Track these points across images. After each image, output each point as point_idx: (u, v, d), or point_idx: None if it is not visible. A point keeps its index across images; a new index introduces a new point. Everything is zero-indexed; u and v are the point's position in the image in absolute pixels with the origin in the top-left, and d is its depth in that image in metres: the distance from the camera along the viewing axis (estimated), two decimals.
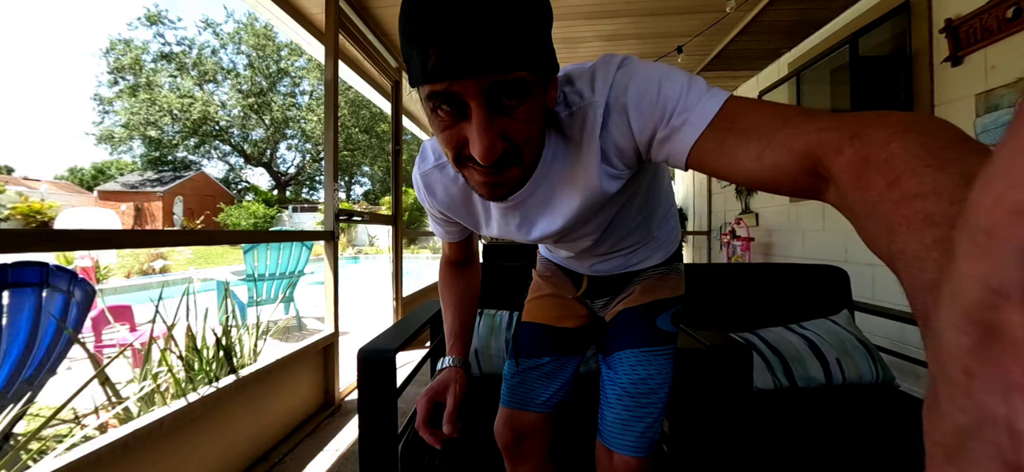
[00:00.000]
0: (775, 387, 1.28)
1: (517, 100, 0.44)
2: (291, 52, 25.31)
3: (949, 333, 0.12)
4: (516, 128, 0.46)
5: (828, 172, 0.32)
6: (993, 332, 0.10)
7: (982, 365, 0.11)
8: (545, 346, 0.91)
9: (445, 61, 0.40)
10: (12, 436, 1.23)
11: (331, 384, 2.12)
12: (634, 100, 0.49)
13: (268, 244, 3.78)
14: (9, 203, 11.76)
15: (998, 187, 0.11)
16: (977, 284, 0.11)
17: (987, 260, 0.11)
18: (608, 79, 0.50)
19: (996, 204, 0.11)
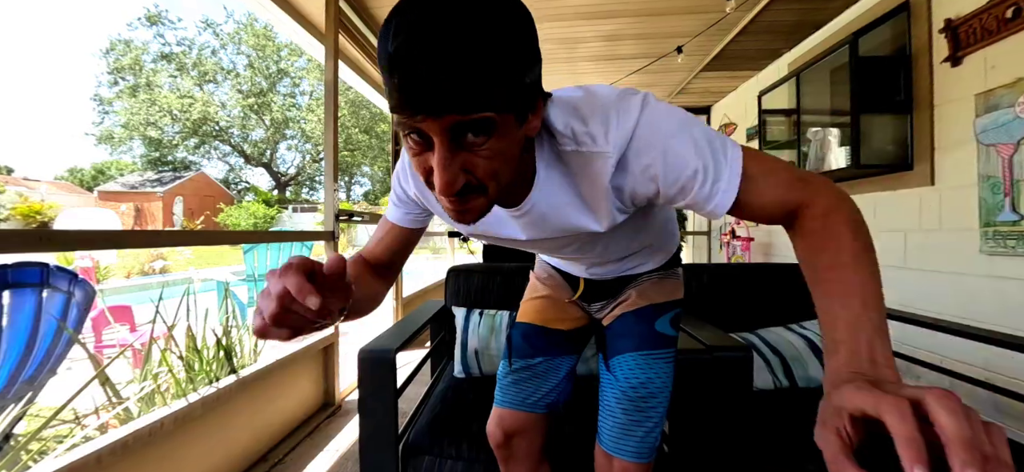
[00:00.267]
0: (775, 387, 1.28)
1: (482, 137, 0.43)
2: (291, 52, 25.33)
3: (828, 384, 0.38)
4: (478, 164, 0.45)
5: (798, 222, 0.51)
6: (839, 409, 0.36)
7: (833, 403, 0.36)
8: (538, 347, 0.91)
9: (407, 96, 0.39)
10: (12, 436, 1.23)
11: (331, 384, 2.12)
12: (662, 168, 0.50)
13: (268, 244, 3.78)
14: (9, 203, 11.76)
15: (831, 371, 0.39)
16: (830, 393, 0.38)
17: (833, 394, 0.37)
18: (626, 132, 0.50)
19: (829, 386, 0.38)
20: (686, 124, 0.51)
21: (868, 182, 2.33)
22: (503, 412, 0.90)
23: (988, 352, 1.70)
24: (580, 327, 0.95)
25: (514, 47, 0.42)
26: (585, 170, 0.54)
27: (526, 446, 0.90)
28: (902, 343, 1.96)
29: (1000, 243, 1.67)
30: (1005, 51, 1.66)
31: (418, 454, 1.07)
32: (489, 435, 0.92)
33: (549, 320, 0.93)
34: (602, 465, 0.83)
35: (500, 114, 0.43)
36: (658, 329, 0.83)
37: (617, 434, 0.80)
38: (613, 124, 0.50)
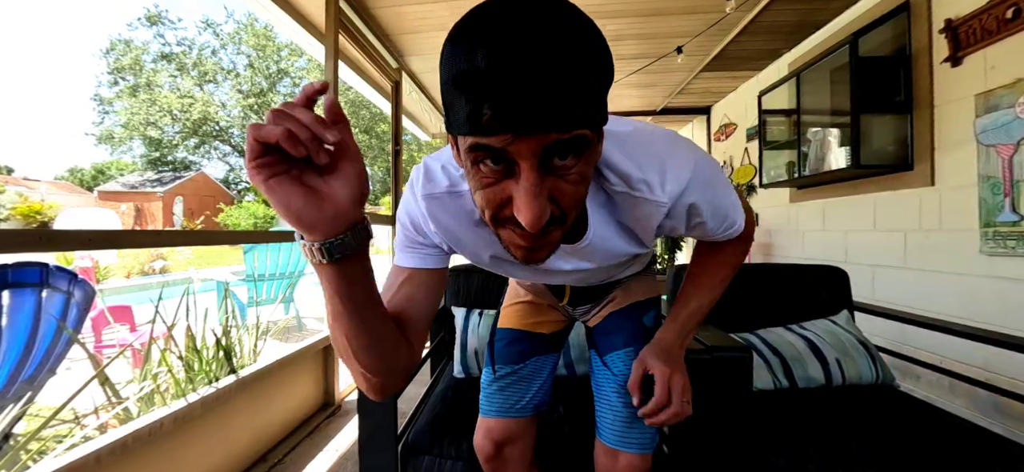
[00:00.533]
0: (775, 387, 1.28)
1: (573, 160, 0.40)
2: (291, 52, 25.32)
3: (656, 336, 0.79)
4: (565, 190, 0.42)
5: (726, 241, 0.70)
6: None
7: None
8: (524, 351, 0.91)
9: (502, 115, 0.35)
10: (12, 436, 1.23)
11: (331, 384, 2.12)
12: (710, 218, 0.59)
13: (268, 244, 3.78)
14: (9, 203, 11.76)
15: (661, 333, 0.78)
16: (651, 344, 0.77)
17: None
18: (680, 186, 0.53)
19: (655, 339, 0.78)
20: (720, 174, 0.58)
21: (868, 182, 2.33)
22: (491, 422, 0.88)
23: (988, 352, 1.70)
24: (560, 329, 0.96)
25: (603, 60, 0.39)
26: (633, 210, 0.55)
27: (517, 454, 0.89)
28: (902, 343, 1.96)
29: (1000, 243, 1.67)
30: (1005, 51, 1.66)
31: (418, 454, 1.07)
32: (478, 449, 0.90)
33: (532, 324, 0.93)
34: (605, 462, 0.82)
35: (593, 132, 0.40)
36: (646, 323, 0.87)
37: (621, 428, 0.80)
38: (669, 177, 0.52)
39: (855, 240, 2.45)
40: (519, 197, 0.40)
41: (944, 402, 1.78)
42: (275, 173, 0.37)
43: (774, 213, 3.33)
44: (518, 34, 0.35)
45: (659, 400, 0.69)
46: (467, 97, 0.36)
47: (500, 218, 0.44)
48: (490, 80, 0.35)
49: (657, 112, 4.47)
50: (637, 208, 0.54)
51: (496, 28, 0.35)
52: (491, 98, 0.35)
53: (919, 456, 0.96)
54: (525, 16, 0.36)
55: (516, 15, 0.36)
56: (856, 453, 0.97)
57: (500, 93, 0.35)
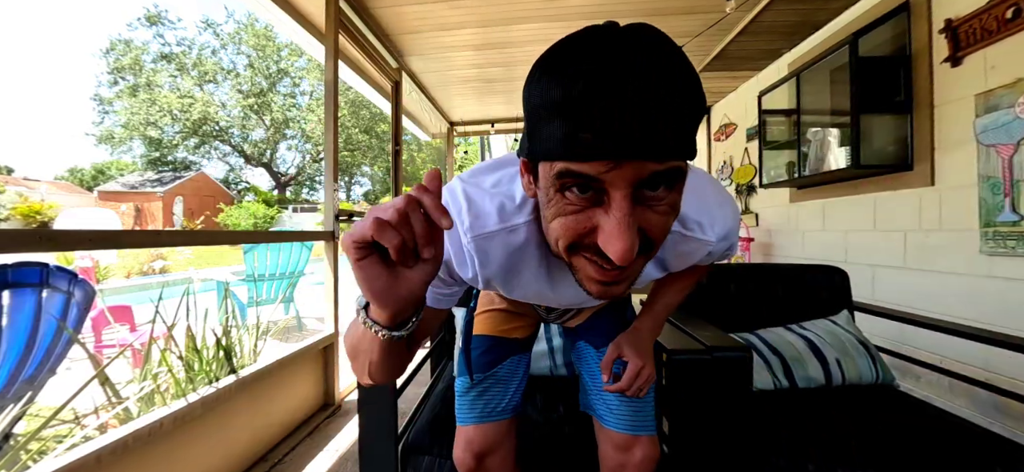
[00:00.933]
0: (775, 387, 1.28)
1: (664, 191, 0.39)
2: (291, 52, 25.32)
3: (631, 326, 0.82)
4: (654, 222, 0.41)
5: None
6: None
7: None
8: (499, 356, 0.92)
9: (603, 141, 0.35)
10: (12, 436, 1.23)
11: (331, 384, 2.12)
12: (723, 251, 0.65)
13: (268, 244, 3.78)
14: (9, 203, 11.76)
15: (636, 323, 0.83)
16: (626, 332, 0.82)
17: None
18: (726, 229, 0.60)
19: (630, 328, 0.83)
20: (735, 217, 0.64)
21: (868, 182, 2.33)
22: (471, 432, 0.86)
23: (988, 352, 1.70)
24: (532, 332, 0.99)
25: (696, 92, 0.37)
26: (677, 246, 0.59)
27: (499, 463, 0.87)
28: (902, 343, 1.96)
29: (1000, 243, 1.67)
30: (1005, 51, 1.66)
31: (418, 454, 1.07)
32: (458, 463, 0.86)
33: (506, 330, 0.94)
34: (617, 450, 0.83)
35: (686, 163, 0.40)
36: (629, 317, 0.91)
37: (631, 415, 0.83)
38: (718, 223, 0.58)
39: (855, 240, 2.45)
40: (609, 226, 0.39)
41: (944, 402, 1.78)
42: (368, 255, 0.38)
43: (774, 213, 3.33)
44: (619, 63, 0.35)
45: (623, 387, 0.76)
46: (564, 122, 0.36)
47: (579, 246, 0.43)
48: (591, 106, 0.35)
49: None
50: (683, 244, 0.58)
51: (597, 55, 0.35)
52: (591, 124, 0.35)
53: (919, 456, 0.96)
54: (625, 46, 0.35)
55: (616, 44, 0.35)
56: (856, 453, 0.97)
57: (601, 119, 0.34)
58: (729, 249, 0.66)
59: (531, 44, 3.03)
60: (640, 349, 0.77)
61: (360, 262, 0.38)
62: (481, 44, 3.00)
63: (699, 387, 0.95)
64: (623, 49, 0.35)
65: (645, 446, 0.83)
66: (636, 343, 0.78)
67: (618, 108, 0.34)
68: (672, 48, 0.37)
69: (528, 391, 1.06)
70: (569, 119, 0.36)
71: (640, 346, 0.78)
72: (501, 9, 2.56)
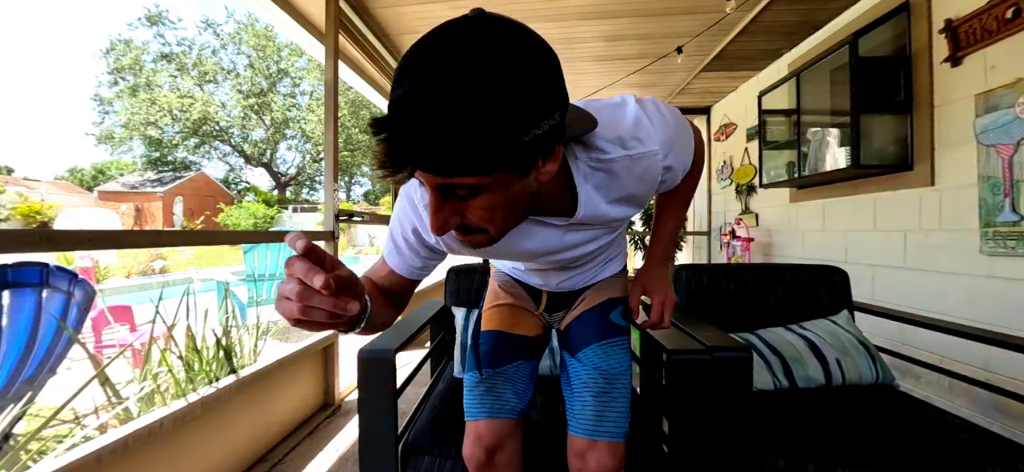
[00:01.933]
0: (775, 388, 1.28)
1: (468, 193, 0.45)
2: (291, 52, 25.31)
3: (644, 264, 0.92)
4: (473, 214, 0.48)
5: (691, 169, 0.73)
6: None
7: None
8: (507, 353, 0.91)
9: (396, 152, 0.40)
10: (12, 436, 1.23)
11: (331, 384, 2.12)
12: (683, 153, 0.66)
13: (268, 244, 3.78)
14: (9, 203, 11.76)
15: (647, 258, 0.93)
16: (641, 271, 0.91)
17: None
18: (666, 131, 0.61)
19: (643, 265, 0.92)
20: (680, 125, 0.66)
21: (868, 182, 2.33)
22: (481, 427, 0.86)
23: (988, 352, 1.70)
24: (540, 335, 0.98)
25: (509, 113, 0.40)
26: (633, 171, 0.61)
27: (507, 459, 0.87)
28: (902, 343, 1.96)
29: (1000, 243, 1.67)
30: (1005, 51, 1.66)
31: (418, 454, 1.07)
32: (468, 458, 0.87)
33: (514, 325, 0.94)
34: (577, 454, 0.82)
35: (489, 177, 0.43)
36: (613, 320, 0.90)
37: (592, 418, 0.82)
38: (656, 133, 0.60)
39: (855, 240, 2.45)
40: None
41: (944, 402, 1.78)
42: (300, 320, 0.43)
43: (774, 213, 3.33)
44: (424, 84, 0.38)
45: (655, 320, 0.85)
46: (385, 130, 0.40)
47: None
48: (395, 120, 0.40)
49: None
50: (636, 166, 0.60)
51: (409, 76, 0.39)
52: (393, 136, 0.40)
53: (919, 456, 0.96)
54: (438, 67, 0.39)
55: (426, 65, 0.39)
56: (856, 453, 0.97)
57: (397, 134, 0.40)
58: (680, 158, 0.65)
59: None
60: (658, 282, 0.87)
61: (297, 325, 0.44)
62: None
63: (699, 387, 0.95)
64: (433, 71, 0.38)
65: (602, 453, 0.79)
66: (653, 277, 0.87)
67: (406, 136, 0.39)
68: (494, 68, 0.39)
69: None
70: (384, 130, 0.40)
71: (657, 279, 0.87)
72: (501, 9, 2.55)
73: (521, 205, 0.52)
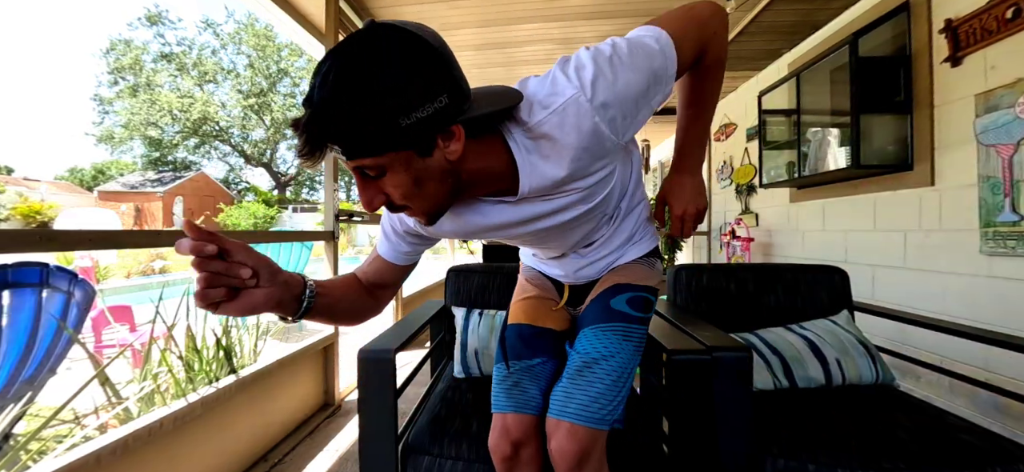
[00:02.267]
0: (775, 387, 1.28)
1: (376, 173, 0.54)
2: (291, 52, 25.31)
3: (670, 171, 0.84)
4: (391, 191, 0.56)
5: (704, 59, 0.68)
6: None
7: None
8: (535, 347, 0.91)
9: (310, 139, 0.49)
10: (12, 436, 1.23)
11: (331, 384, 2.12)
12: (630, 69, 0.59)
13: (268, 244, 3.78)
14: (9, 203, 11.76)
15: (672, 164, 0.84)
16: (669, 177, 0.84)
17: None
18: (586, 68, 0.58)
19: (669, 172, 0.84)
20: (615, 41, 0.61)
21: (868, 182, 2.33)
22: (508, 418, 0.86)
23: (988, 352, 1.70)
24: (567, 329, 0.96)
25: (385, 102, 0.48)
26: (564, 126, 0.59)
27: (532, 453, 0.87)
28: (902, 343, 1.96)
29: (1000, 243, 1.67)
30: (1005, 51, 1.66)
31: (418, 454, 1.07)
32: (493, 449, 0.87)
33: (541, 319, 0.94)
34: (549, 435, 0.80)
35: (383, 157, 0.52)
36: (613, 306, 0.84)
37: (561, 398, 0.79)
38: (570, 73, 0.58)
39: (855, 240, 2.45)
40: None
41: (944, 402, 1.78)
42: (217, 304, 0.52)
43: (774, 213, 3.33)
44: (324, 83, 0.48)
45: (672, 231, 0.83)
46: (297, 126, 0.50)
47: None
48: (304, 121, 0.49)
49: (657, 112, 4.47)
50: (566, 119, 0.58)
51: (314, 78, 0.50)
52: (304, 132, 0.49)
53: (919, 456, 0.96)
54: (331, 71, 0.48)
55: (327, 69, 0.48)
56: (856, 453, 0.97)
57: (308, 122, 0.49)
58: (614, 88, 0.59)
59: (531, 44, 3.03)
60: (676, 190, 0.82)
61: (217, 310, 0.53)
62: (481, 44, 3.00)
63: (699, 387, 0.95)
64: (330, 70, 0.48)
65: (562, 436, 0.77)
66: (672, 186, 0.83)
67: (314, 126, 0.48)
68: (368, 64, 0.48)
69: None
70: (299, 127, 0.50)
71: (676, 187, 0.83)
72: (501, 9, 2.56)
73: (437, 182, 0.57)
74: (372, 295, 0.80)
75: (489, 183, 0.65)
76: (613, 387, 0.78)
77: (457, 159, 0.57)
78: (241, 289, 0.53)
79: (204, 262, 0.49)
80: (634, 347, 0.82)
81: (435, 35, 0.54)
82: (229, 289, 0.52)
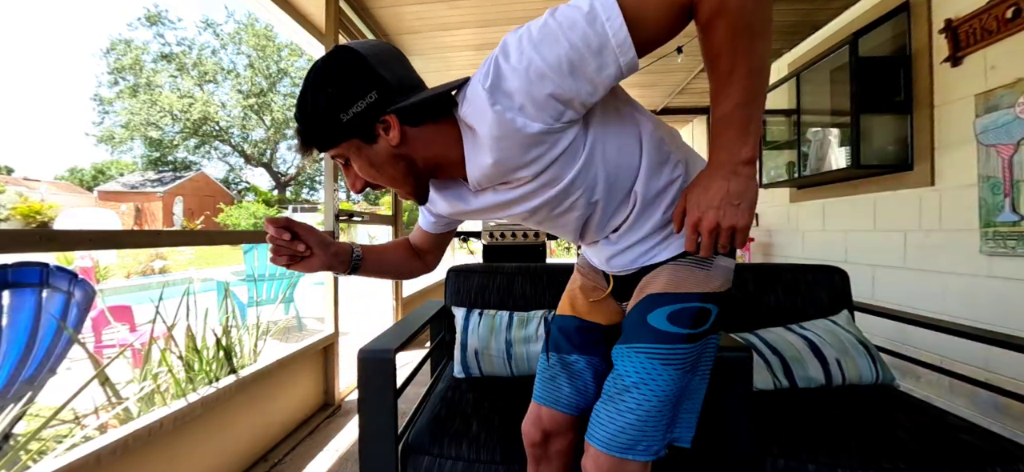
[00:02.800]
0: (775, 387, 1.28)
1: (344, 161, 0.68)
2: (291, 52, 25.31)
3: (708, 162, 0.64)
4: (362, 175, 0.68)
5: (695, 21, 0.55)
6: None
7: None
8: (575, 343, 0.89)
9: (298, 140, 0.67)
10: (12, 436, 1.23)
11: (331, 384, 2.12)
12: (539, 50, 0.56)
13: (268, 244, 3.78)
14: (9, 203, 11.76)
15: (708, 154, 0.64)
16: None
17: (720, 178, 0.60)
18: (489, 61, 0.59)
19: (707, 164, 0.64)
20: (540, 19, 0.55)
21: (868, 182, 2.33)
22: (542, 410, 0.88)
23: (988, 352, 1.70)
24: (615, 324, 0.89)
25: (323, 104, 0.61)
26: (476, 116, 0.60)
27: (561, 449, 0.87)
28: (902, 343, 1.96)
29: (1000, 243, 1.67)
30: (1005, 51, 1.66)
31: (418, 454, 1.07)
32: (525, 434, 0.91)
33: (586, 312, 0.91)
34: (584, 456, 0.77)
35: (339, 147, 0.65)
36: (650, 322, 0.71)
37: (593, 421, 0.74)
38: (482, 67, 0.60)
39: (855, 240, 2.45)
40: None
41: (944, 402, 1.78)
42: (290, 263, 0.76)
43: (774, 213, 3.33)
44: (298, 100, 0.65)
45: (687, 246, 0.63)
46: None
47: None
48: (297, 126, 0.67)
49: (657, 112, 4.47)
50: (476, 110, 0.60)
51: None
52: (296, 135, 0.68)
53: (919, 456, 0.96)
54: (302, 87, 0.64)
55: (303, 84, 0.64)
56: (856, 453, 0.97)
57: (296, 133, 0.67)
58: (514, 66, 0.55)
59: None
60: (699, 194, 0.61)
61: (289, 267, 0.77)
62: (481, 44, 3.00)
63: None
64: (301, 92, 0.64)
65: (591, 459, 0.72)
66: (695, 185, 0.62)
67: (297, 131, 0.67)
68: (312, 76, 0.62)
69: (531, 390, 1.06)
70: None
71: (700, 189, 0.61)
72: (501, 9, 2.56)
73: (390, 165, 0.66)
74: (420, 258, 0.94)
75: (451, 168, 0.70)
76: (647, 418, 0.68)
77: (399, 143, 0.63)
78: (303, 257, 0.75)
79: (274, 240, 0.73)
80: (680, 371, 0.70)
81: (375, 46, 0.63)
82: (291, 256, 0.74)
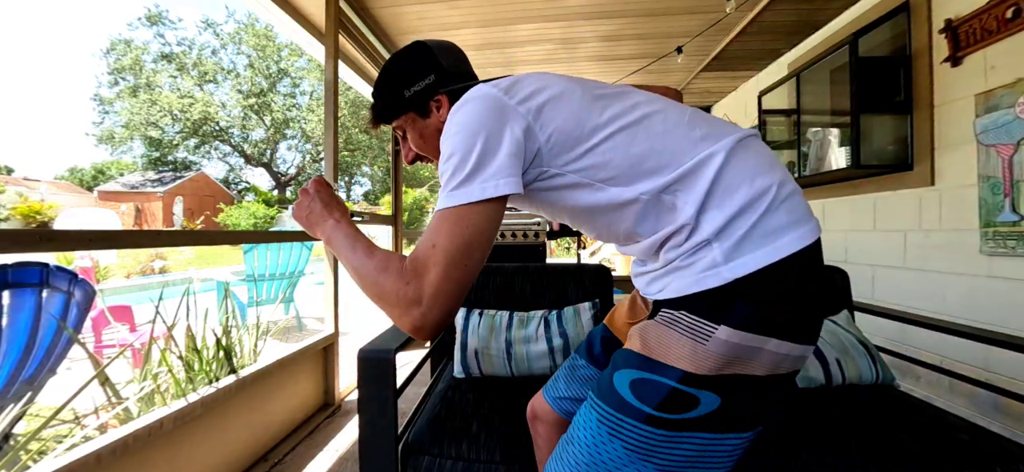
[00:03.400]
0: None
1: (403, 133, 0.78)
2: (291, 52, 25.31)
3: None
4: (414, 146, 0.78)
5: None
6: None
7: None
8: (594, 352, 0.90)
9: (371, 114, 0.79)
10: (12, 436, 1.23)
11: (331, 384, 2.12)
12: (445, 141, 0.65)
13: (268, 244, 3.78)
14: (9, 203, 11.76)
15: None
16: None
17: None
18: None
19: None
20: (468, 121, 0.60)
21: (868, 182, 2.33)
22: (539, 393, 0.96)
23: (988, 352, 1.70)
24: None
25: (391, 84, 0.74)
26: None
27: (544, 434, 0.92)
28: (902, 343, 1.96)
29: (1000, 243, 1.67)
30: (1005, 51, 1.66)
31: (418, 454, 1.07)
32: (528, 407, 0.99)
33: (618, 326, 0.89)
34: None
35: (399, 119, 0.76)
36: (615, 382, 0.60)
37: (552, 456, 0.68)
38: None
39: (855, 240, 2.45)
40: None
41: (944, 402, 1.78)
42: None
43: None
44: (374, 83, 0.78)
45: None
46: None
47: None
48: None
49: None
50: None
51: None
52: (370, 110, 0.80)
53: (919, 456, 0.96)
54: (379, 73, 0.77)
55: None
56: (856, 453, 0.97)
57: (370, 108, 0.80)
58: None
59: (531, 44, 3.03)
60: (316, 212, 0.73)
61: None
62: (481, 44, 3.00)
63: None
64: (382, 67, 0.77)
65: None
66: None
67: (372, 106, 0.80)
68: (389, 61, 0.76)
69: (531, 390, 1.06)
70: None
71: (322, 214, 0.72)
72: (501, 9, 2.56)
73: (436, 137, 0.73)
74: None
75: None
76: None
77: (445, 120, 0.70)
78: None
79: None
80: (629, 452, 0.56)
81: (441, 42, 0.76)
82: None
